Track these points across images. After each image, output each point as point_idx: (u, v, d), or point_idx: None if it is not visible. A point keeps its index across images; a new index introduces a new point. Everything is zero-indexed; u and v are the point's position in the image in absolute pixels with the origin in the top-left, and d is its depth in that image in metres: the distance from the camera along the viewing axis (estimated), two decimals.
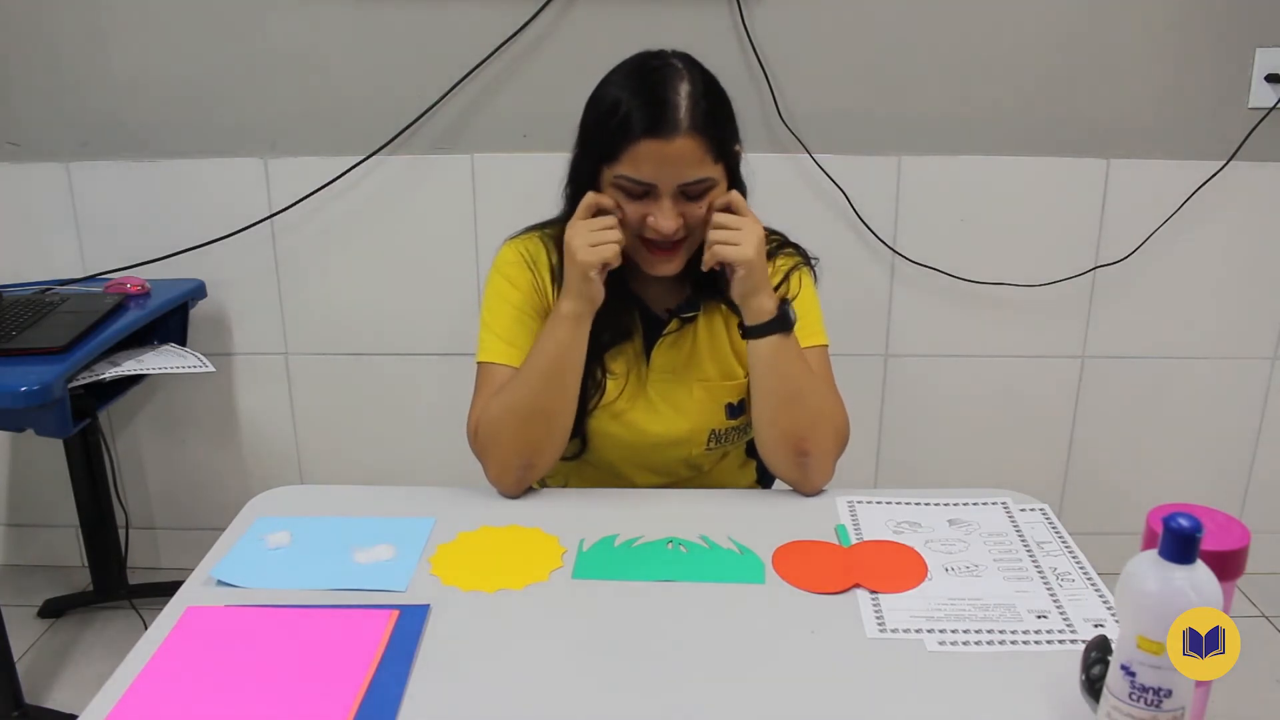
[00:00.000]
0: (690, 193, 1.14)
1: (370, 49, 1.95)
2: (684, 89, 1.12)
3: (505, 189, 2.01)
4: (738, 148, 1.20)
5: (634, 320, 1.26)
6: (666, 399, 1.26)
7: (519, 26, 1.91)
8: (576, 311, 1.16)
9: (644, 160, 1.11)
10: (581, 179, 1.19)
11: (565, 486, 1.36)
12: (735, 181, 1.20)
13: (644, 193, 1.13)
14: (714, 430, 1.27)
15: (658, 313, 1.27)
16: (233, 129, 2.00)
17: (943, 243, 2.04)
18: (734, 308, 1.23)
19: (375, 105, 1.97)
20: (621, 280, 1.24)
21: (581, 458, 1.31)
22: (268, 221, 2.04)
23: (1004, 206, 2.03)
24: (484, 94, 1.98)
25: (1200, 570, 0.69)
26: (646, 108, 1.11)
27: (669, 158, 1.11)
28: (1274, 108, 1.95)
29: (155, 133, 2.01)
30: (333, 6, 1.92)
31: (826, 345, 1.26)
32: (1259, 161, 1.97)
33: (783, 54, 1.93)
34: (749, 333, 1.18)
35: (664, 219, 1.13)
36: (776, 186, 1.98)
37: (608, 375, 1.25)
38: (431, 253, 2.06)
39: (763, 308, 1.16)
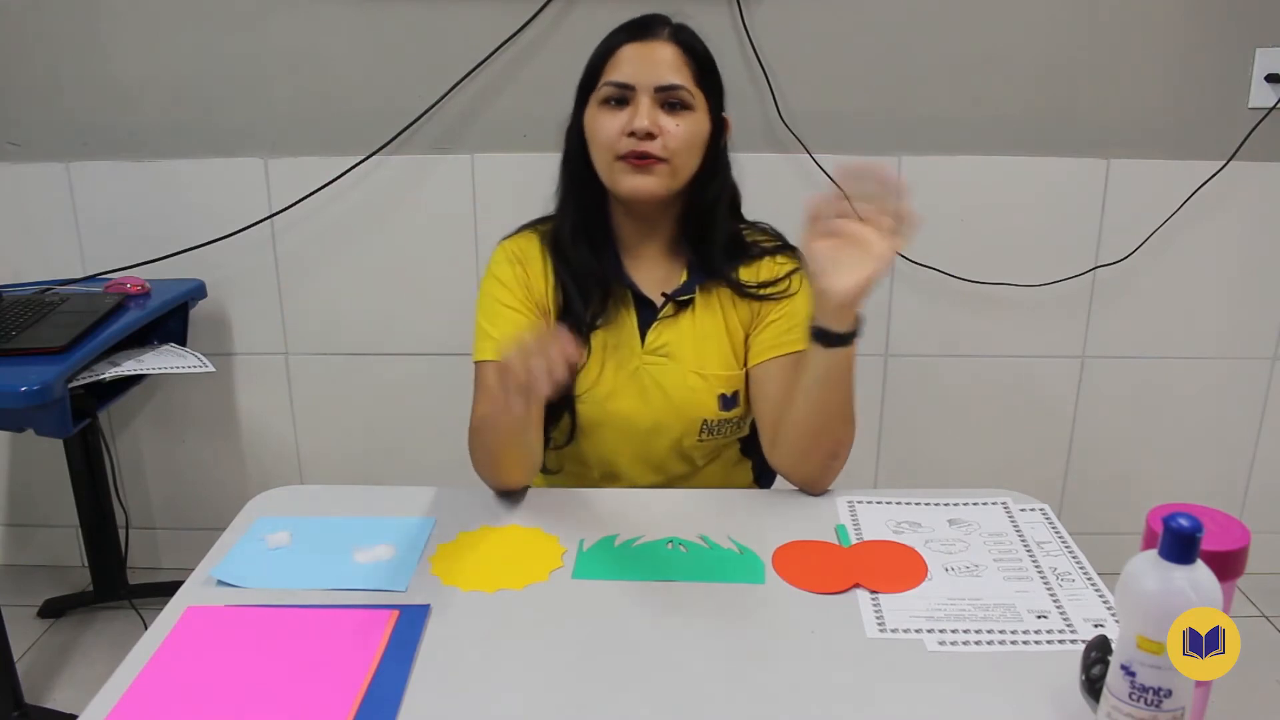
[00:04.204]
0: (668, 101, 1.17)
1: (370, 49, 1.95)
2: (671, 21, 1.21)
3: (505, 189, 2.01)
4: (726, 116, 1.24)
5: (627, 302, 1.26)
6: (659, 385, 1.26)
7: (519, 26, 1.91)
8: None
9: (624, 62, 1.18)
10: (572, 135, 1.24)
11: (559, 471, 1.36)
12: (717, 148, 1.23)
13: (624, 99, 1.17)
14: (706, 421, 1.27)
15: (651, 296, 1.26)
16: (233, 129, 2.00)
17: (943, 243, 2.04)
18: (736, 288, 1.24)
19: (375, 105, 1.97)
20: (615, 261, 1.25)
21: (572, 445, 1.30)
22: (268, 221, 2.04)
23: (1004, 206, 2.03)
24: (484, 94, 1.98)
25: (1200, 570, 0.69)
26: (631, 24, 1.21)
27: (648, 58, 1.17)
28: (1274, 108, 1.95)
29: (155, 133, 2.01)
30: (333, 6, 1.92)
31: None
32: (1259, 161, 1.97)
33: (783, 54, 1.93)
34: (834, 340, 1.10)
35: (639, 116, 1.15)
36: (776, 186, 1.97)
37: (591, 355, 1.25)
38: (431, 253, 2.06)
39: (853, 315, 1.10)
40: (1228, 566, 0.80)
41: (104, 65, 1.97)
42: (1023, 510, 1.15)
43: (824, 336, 1.11)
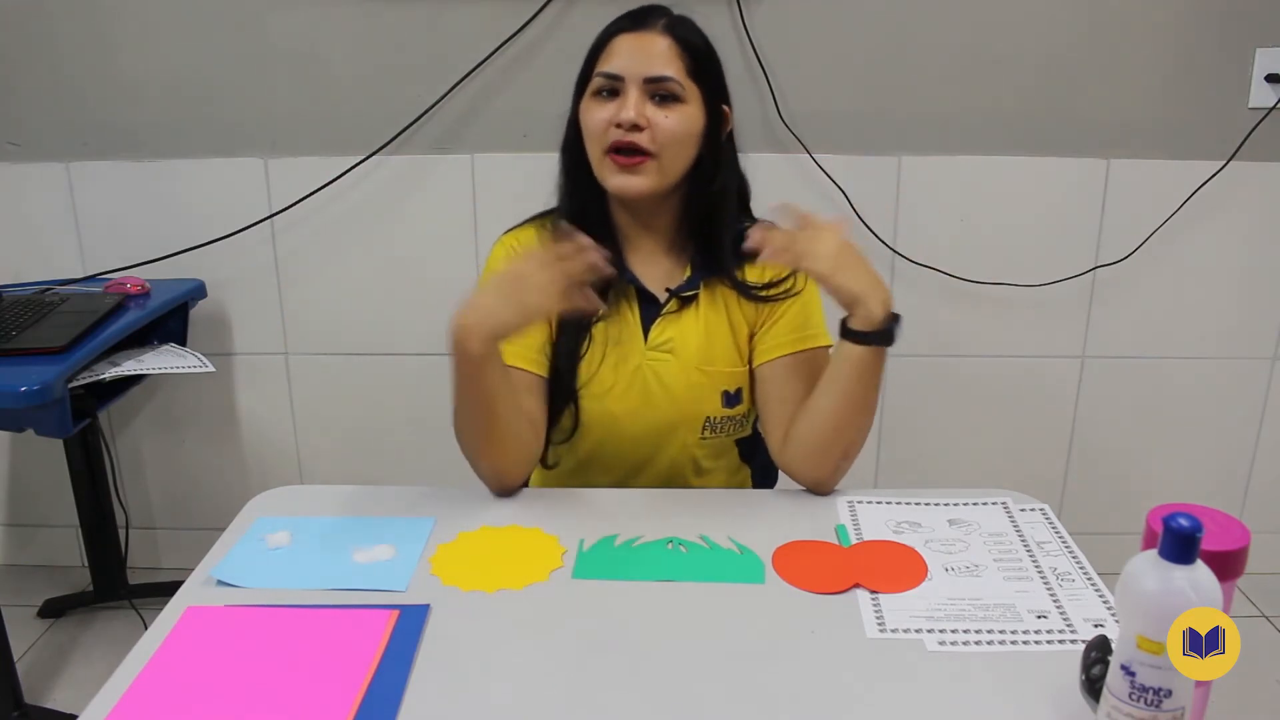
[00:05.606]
0: (658, 93, 1.16)
1: (370, 49, 1.95)
2: (671, 12, 1.21)
3: (505, 189, 2.01)
4: (726, 109, 1.23)
5: (630, 297, 1.25)
6: (660, 381, 1.25)
7: (519, 26, 1.91)
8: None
9: (617, 53, 1.17)
10: (571, 124, 1.23)
11: (556, 466, 1.34)
12: (715, 143, 1.21)
13: (614, 90, 1.17)
14: (709, 418, 1.26)
15: (654, 292, 1.26)
16: (233, 129, 2.00)
17: (943, 243, 2.04)
18: (741, 289, 1.24)
19: (375, 105, 1.97)
20: (616, 254, 1.24)
21: (574, 442, 1.30)
22: (268, 221, 2.04)
23: (1004, 206, 2.03)
24: (484, 94, 1.98)
25: (1200, 570, 0.69)
26: (628, 15, 1.20)
27: (640, 48, 1.17)
28: (1274, 108, 1.95)
29: (155, 133, 2.01)
30: (333, 6, 1.92)
31: (831, 346, 1.26)
32: (1259, 161, 1.98)
33: (783, 54, 1.93)
34: (849, 335, 1.13)
35: (625, 108, 1.15)
36: (776, 186, 1.97)
37: (593, 347, 1.24)
38: (431, 253, 2.06)
39: (872, 315, 1.11)
40: (1228, 566, 0.80)
41: (104, 65, 1.97)
42: (1023, 510, 1.15)
43: (844, 328, 1.14)
